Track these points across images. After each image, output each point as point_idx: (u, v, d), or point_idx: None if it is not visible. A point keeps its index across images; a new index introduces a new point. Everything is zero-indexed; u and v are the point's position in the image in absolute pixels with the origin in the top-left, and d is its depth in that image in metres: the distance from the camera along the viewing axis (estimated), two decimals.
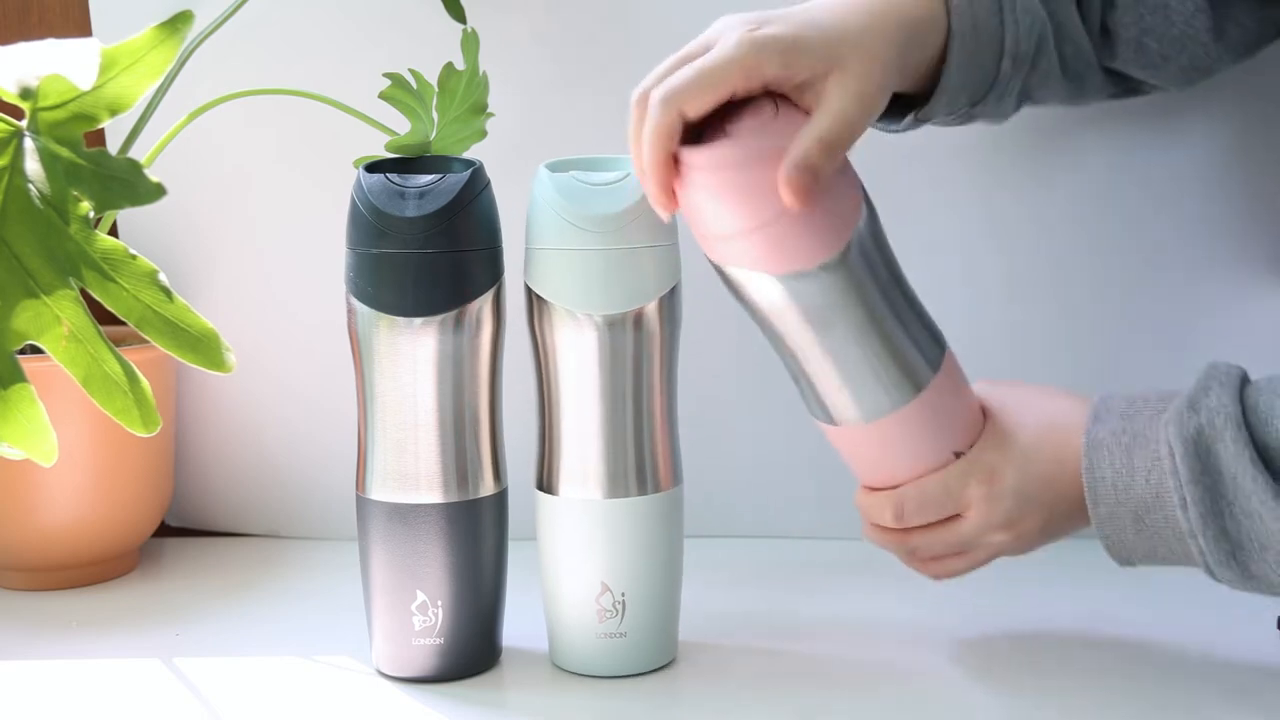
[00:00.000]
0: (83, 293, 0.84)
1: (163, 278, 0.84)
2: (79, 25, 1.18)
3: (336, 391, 1.06)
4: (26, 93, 0.82)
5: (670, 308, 0.91)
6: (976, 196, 1.14)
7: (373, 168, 0.91)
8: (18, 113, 0.85)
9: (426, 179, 0.89)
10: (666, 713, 0.89)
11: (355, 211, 0.89)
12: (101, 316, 0.85)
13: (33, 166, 0.83)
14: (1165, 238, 1.13)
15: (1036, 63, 0.91)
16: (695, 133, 0.81)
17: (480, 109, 0.99)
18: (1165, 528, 0.83)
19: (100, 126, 0.84)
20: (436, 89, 0.98)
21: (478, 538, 0.91)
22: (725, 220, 0.81)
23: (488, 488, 0.92)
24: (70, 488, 1.09)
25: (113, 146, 1.11)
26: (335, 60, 1.14)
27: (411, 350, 0.89)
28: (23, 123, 0.84)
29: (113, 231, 1.18)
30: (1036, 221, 1.13)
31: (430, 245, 0.87)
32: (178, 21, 0.85)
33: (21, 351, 0.85)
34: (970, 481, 0.89)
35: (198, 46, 1.05)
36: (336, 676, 0.94)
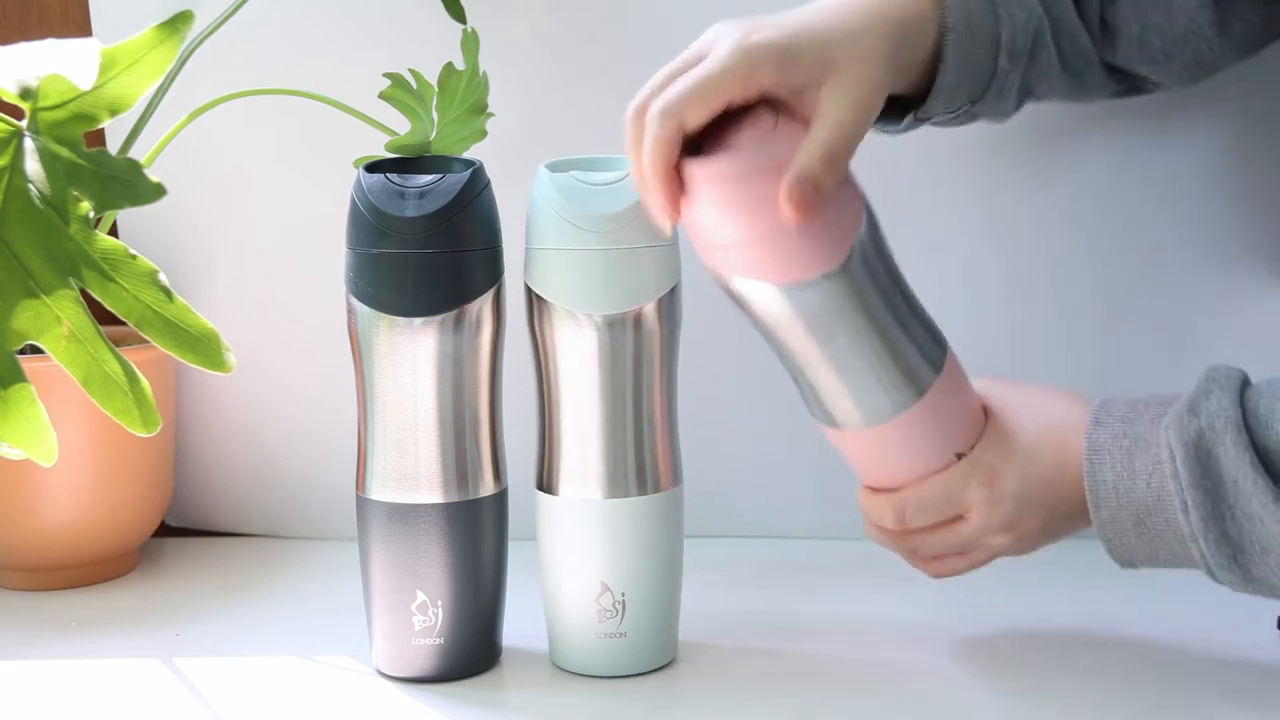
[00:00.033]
0: (83, 293, 0.84)
1: (163, 278, 0.84)
2: (79, 25, 1.18)
3: (336, 391, 1.06)
4: (26, 93, 0.82)
5: (670, 308, 0.91)
6: (977, 196, 1.14)
7: (373, 168, 0.91)
8: (18, 113, 0.85)
9: (426, 179, 0.89)
10: (666, 713, 0.89)
11: (355, 211, 0.89)
12: (101, 316, 0.85)
13: (33, 166, 0.83)
14: (1165, 238, 1.12)
15: (1034, 57, 0.91)
16: (694, 144, 0.81)
17: (480, 109, 0.99)
18: (1167, 531, 0.83)
19: (100, 126, 0.85)
20: (436, 89, 0.98)
21: (478, 538, 0.91)
22: (727, 231, 0.81)
23: (488, 488, 0.92)
24: (70, 488, 1.09)
25: (113, 146, 1.11)
26: (335, 60, 1.14)
27: (411, 350, 0.89)
28: (23, 123, 0.84)
29: (113, 231, 1.18)
30: (1036, 221, 1.13)
31: (430, 245, 0.87)
32: (178, 21, 0.85)
33: (21, 351, 0.85)
34: (971, 484, 0.89)
35: (198, 46, 1.05)
36: (336, 676, 0.94)
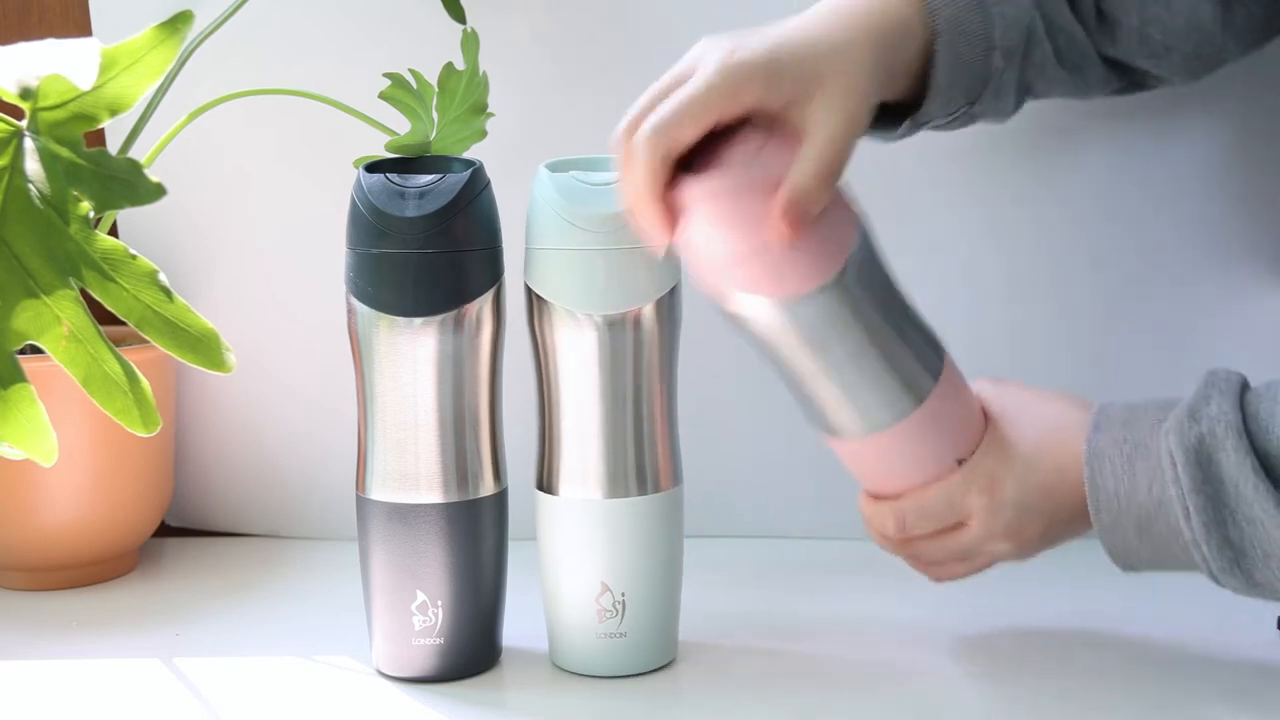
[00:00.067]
0: (83, 293, 0.84)
1: (163, 278, 0.84)
2: (79, 25, 1.18)
3: (336, 391, 1.06)
4: (26, 93, 0.82)
5: (670, 308, 0.91)
6: (976, 197, 1.14)
7: (373, 168, 0.91)
8: (18, 113, 0.85)
9: (426, 179, 0.89)
10: (666, 713, 0.89)
11: (355, 211, 0.89)
12: (101, 316, 0.85)
13: (33, 166, 0.83)
14: (1165, 238, 1.12)
15: (1029, 54, 0.91)
16: (684, 163, 0.81)
17: (480, 109, 0.99)
18: (1168, 535, 0.83)
19: (100, 126, 0.85)
20: (436, 89, 0.98)
21: (478, 538, 0.91)
22: (721, 248, 0.81)
23: (488, 488, 0.92)
24: (70, 488, 1.09)
25: (113, 146, 1.11)
26: (335, 60, 1.14)
27: (411, 350, 0.89)
28: (23, 123, 0.84)
29: (113, 231, 1.18)
30: (1036, 221, 1.13)
31: (430, 245, 0.87)
32: (178, 21, 0.85)
33: (21, 351, 0.85)
34: (971, 491, 0.89)
35: (198, 46, 1.05)
36: (336, 676, 0.94)
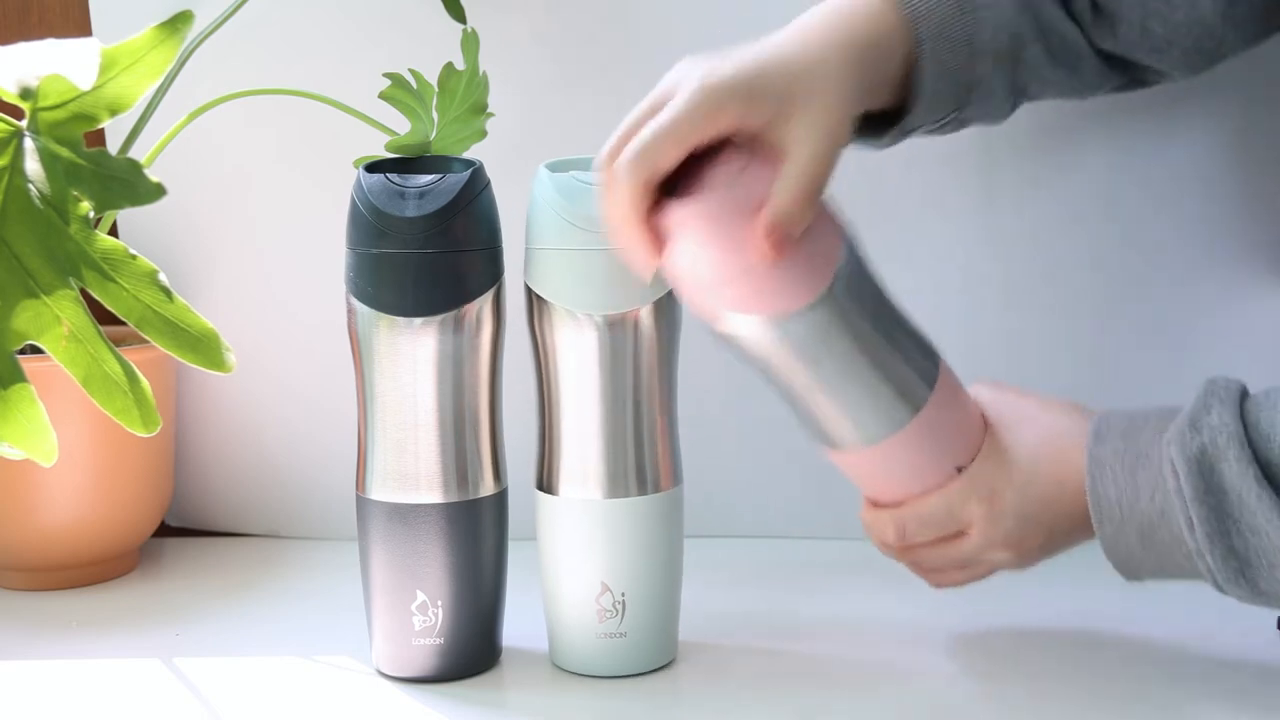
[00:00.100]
0: (83, 293, 0.84)
1: (163, 278, 0.84)
2: (79, 25, 1.18)
3: (336, 391, 1.06)
4: (26, 93, 0.82)
5: (670, 308, 0.90)
6: (973, 200, 1.13)
7: (373, 168, 0.91)
8: (18, 113, 0.85)
9: (426, 179, 0.89)
10: (666, 713, 0.89)
11: (355, 211, 0.89)
12: (101, 316, 0.85)
13: (33, 166, 0.83)
14: (1165, 238, 1.12)
15: (1019, 57, 0.90)
16: (667, 186, 0.81)
17: (480, 109, 0.99)
18: (1172, 545, 0.83)
19: (100, 126, 0.85)
20: (436, 89, 0.98)
21: (478, 538, 0.91)
22: (707, 271, 0.81)
23: (488, 488, 0.92)
24: (70, 488, 1.09)
25: (113, 146, 1.11)
26: (335, 60, 1.14)
27: (411, 350, 0.89)
28: (23, 123, 0.84)
29: (113, 231, 1.18)
30: (1035, 223, 1.13)
31: (430, 245, 0.87)
32: (178, 21, 0.85)
33: (21, 351, 0.85)
34: (971, 501, 0.89)
35: (198, 46, 1.05)
36: (336, 676, 0.94)
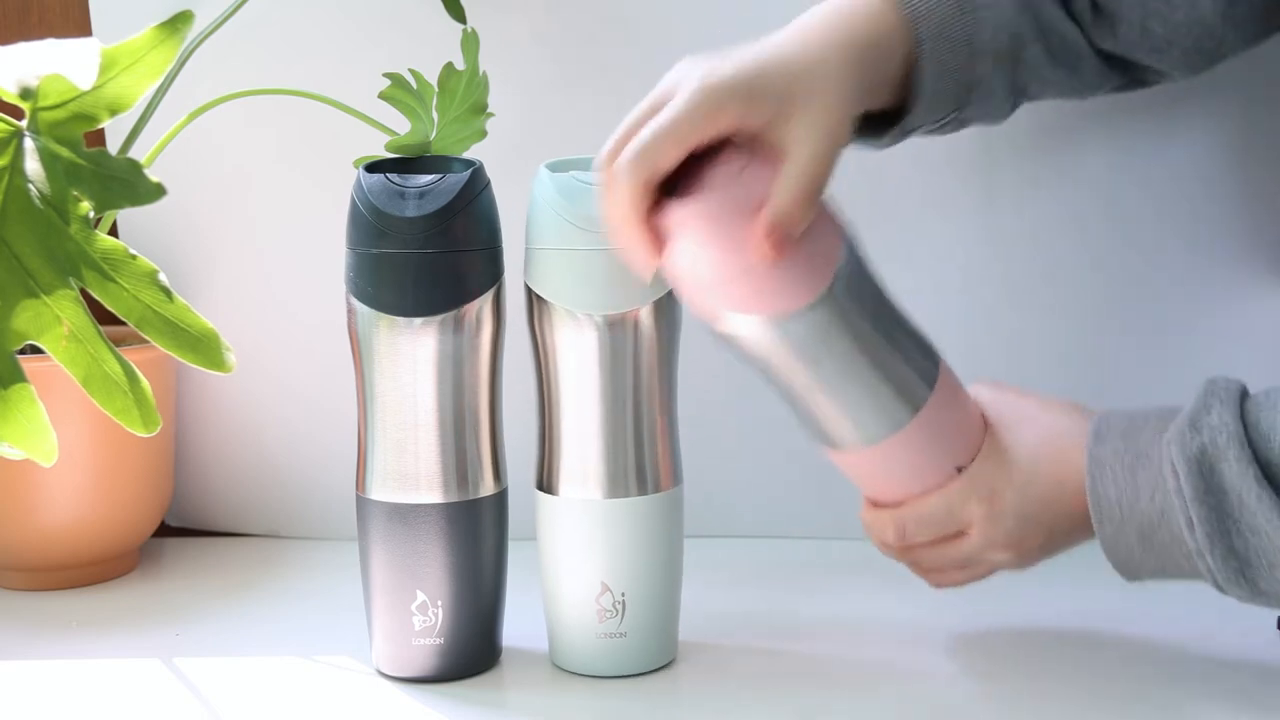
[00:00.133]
0: (83, 293, 0.84)
1: (163, 278, 0.84)
2: (79, 25, 1.18)
3: (336, 391, 1.06)
4: (26, 93, 0.82)
5: (670, 308, 0.90)
6: (973, 200, 1.13)
7: (373, 168, 0.91)
8: (18, 113, 0.85)
9: (426, 179, 0.89)
10: (666, 713, 0.89)
11: (355, 211, 0.89)
12: (101, 316, 0.85)
13: (33, 166, 0.83)
14: (1165, 238, 1.12)
15: (1019, 57, 0.90)
16: (667, 187, 0.81)
17: (480, 109, 0.99)
18: (1172, 545, 0.83)
19: (100, 126, 0.85)
20: (436, 89, 0.98)
21: (478, 538, 0.91)
22: (707, 271, 0.81)
23: (488, 488, 0.92)
24: (70, 488, 1.09)
25: (113, 146, 1.11)
26: (335, 60, 1.14)
27: (411, 350, 0.89)
28: (23, 123, 0.84)
29: (113, 231, 1.18)
30: (1035, 222, 1.13)
31: (430, 245, 0.87)
32: (178, 21, 0.85)
33: (21, 351, 0.85)
34: (970, 501, 0.89)
35: (198, 46, 1.05)
36: (336, 676, 0.94)
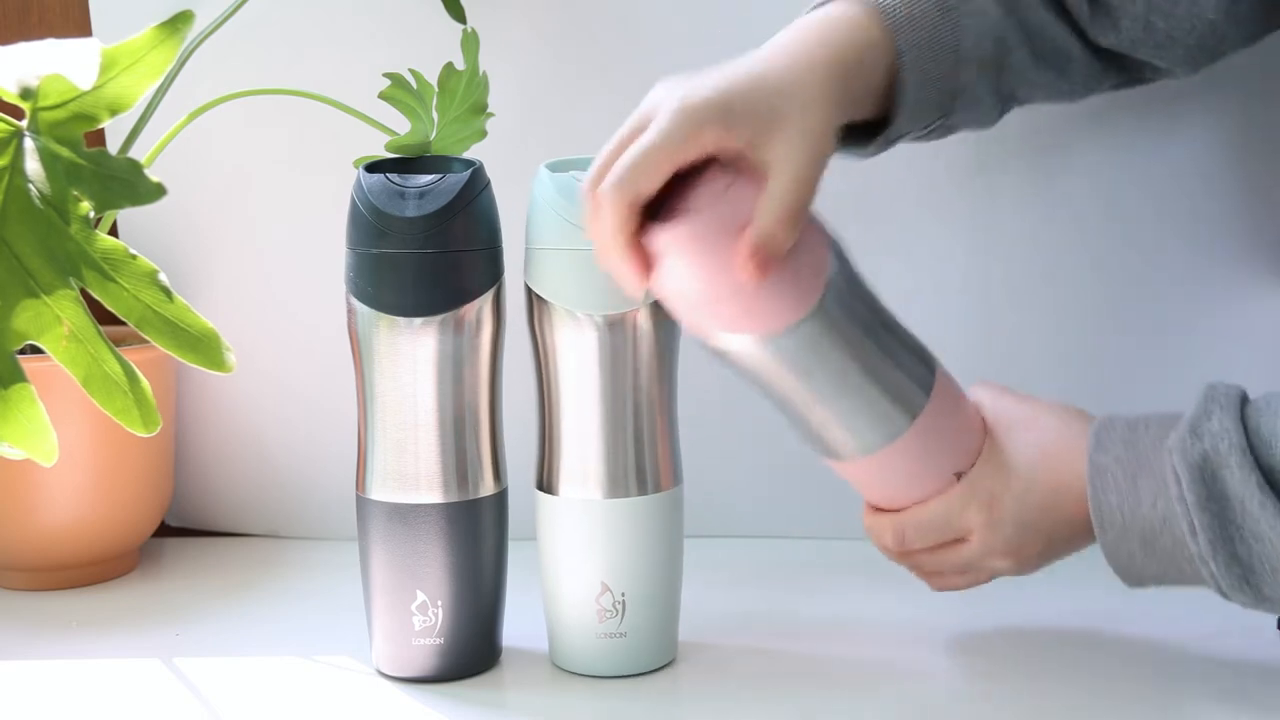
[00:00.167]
0: (83, 293, 0.84)
1: (163, 278, 0.84)
2: (79, 25, 1.18)
3: (336, 391, 1.06)
4: (26, 93, 0.82)
5: None
6: (973, 198, 1.13)
7: (373, 168, 0.91)
8: (18, 113, 0.85)
9: (426, 179, 0.89)
10: (666, 713, 0.89)
11: (355, 211, 0.89)
12: (101, 316, 0.85)
13: (33, 166, 0.83)
14: (1165, 238, 1.12)
15: (1004, 63, 0.90)
16: (652, 207, 0.80)
17: (480, 109, 0.99)
18: (1175, 551, 0.83)
19: (100, 126, 0.85)
20: (436, 89, 0.98)
21: (478, 538, 0.91)
22: (696, 293, 0.81)
23: (488, 488, 0.92)
24: (70, 488, 1.09)
25: (113, 146, 1.11)
26: (335, 60, 1.13)
27: (411, 350, 0.89)
28: (23, 123, 0.84)
29: (113, 231, 1.18)
30: (1035, 223, 1.13)
31: (430, 245, 0.87)
32: (178, 21, 0.85)
33: (21, 351, 0.85)
34: (970, 508, 0.89)
35: (198, 46, 1.05)
36: (336, 676, 0.94)
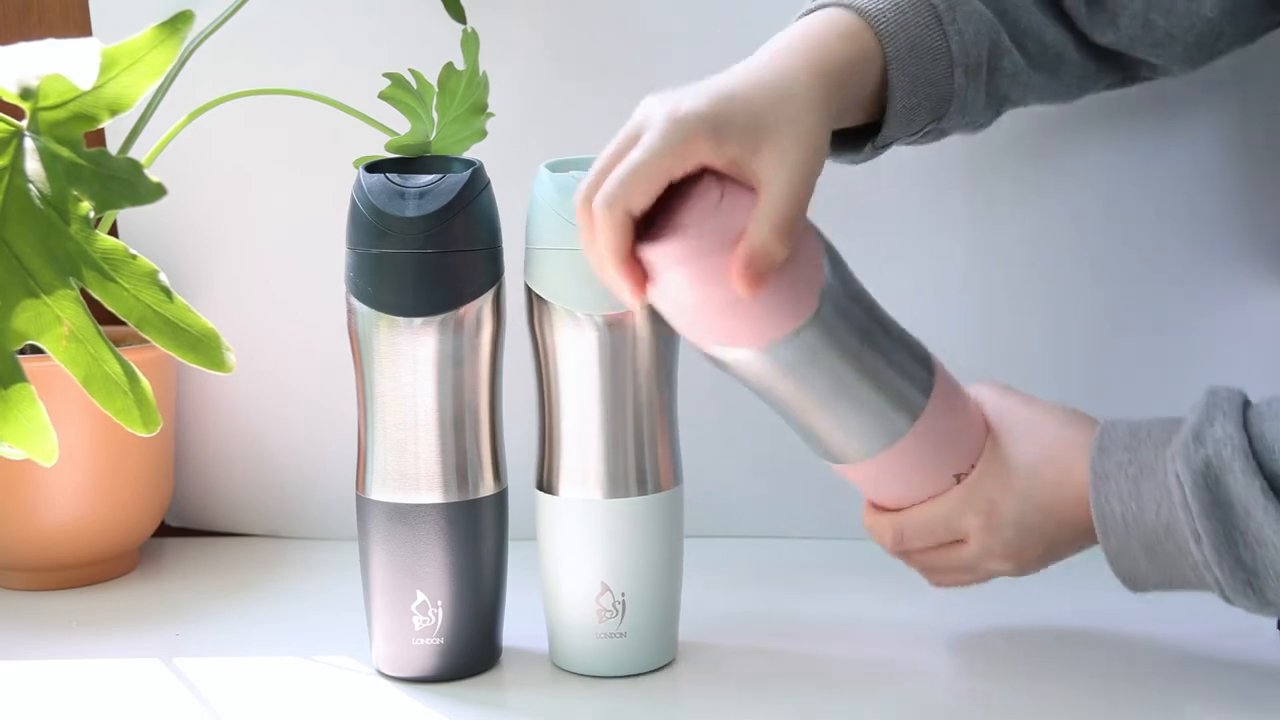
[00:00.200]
0: (83, 293, 0.84)
1: (163, 278, 0.84)
2: (79, 25, 1.18)
3: (336, 391, 1.06)
4: (26, 93, 0.82)
5: None
6: (973, 199, 1.13)
7: (373, 168, 0.91)
8: (18, 113, 0.85)
9: (426, 179, 0.89)
10: (666, 713, 0.89)
11: (355, 211, 0.89)
12: (101, 316, 0.85)
13: (33, 166, 0.83)
14: (1165, 238, 1.12)
15: (995, 66, 0.90)
16: (646, 220, 0.80)
17: (480, 109, 0.99)
18: (1178, 556, 0.83)
19: (100, 126, 0.85)
20: (436, 89, 0.98)
21: (478, 538, 0.91)
22: (692, 307, 0.81)
23: (488, 488, 0.92)
24: (70, 488, 1.09)
25: (113, 146, 1.11)
26: (335, 60, 1.14)
27: (411, 350, 0.89)
28: (23, 123, 0.84)
29: (113, 231, 1.18)
30: (1035, 223, 1.13)
31: (430, 245, 0.87)
32: (178, 21, 0.85)
33: (21, 351, 0.85)
34: (969, 512, 0.89)
35: (198, 46, 1.05)
36: (336, 676, 0.94)
